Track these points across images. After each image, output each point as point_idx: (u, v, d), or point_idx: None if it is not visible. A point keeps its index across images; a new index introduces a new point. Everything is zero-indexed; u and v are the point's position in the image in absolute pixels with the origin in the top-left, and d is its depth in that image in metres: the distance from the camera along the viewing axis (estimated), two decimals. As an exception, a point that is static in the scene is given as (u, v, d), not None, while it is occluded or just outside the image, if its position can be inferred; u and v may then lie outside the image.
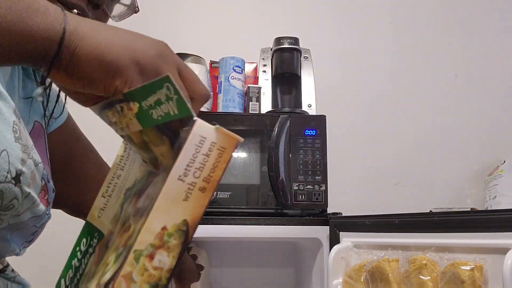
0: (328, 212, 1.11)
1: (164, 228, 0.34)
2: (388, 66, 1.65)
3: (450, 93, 1.64)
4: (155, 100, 0.37)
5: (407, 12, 1.69)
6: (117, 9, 0.67)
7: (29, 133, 0.53)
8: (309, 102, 1.24)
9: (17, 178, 0.45)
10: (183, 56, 1.18)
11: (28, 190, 0.47)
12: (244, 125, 1.14)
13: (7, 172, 0.44)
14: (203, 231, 0.71)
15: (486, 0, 1.70)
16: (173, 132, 0.37)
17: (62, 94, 0.67)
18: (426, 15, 1.69)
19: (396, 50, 1.67)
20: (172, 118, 0.36)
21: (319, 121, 1.13)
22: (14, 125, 0.46)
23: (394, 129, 1.61)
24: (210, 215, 1.06)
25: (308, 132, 1.11)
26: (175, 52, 0.42)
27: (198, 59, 1.22)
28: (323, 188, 1.08)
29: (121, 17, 0.68)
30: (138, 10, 0.69)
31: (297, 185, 1.08)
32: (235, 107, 1.22)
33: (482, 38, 1.68)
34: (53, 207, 0.61)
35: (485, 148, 1.59)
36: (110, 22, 0.64)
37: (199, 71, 1.19)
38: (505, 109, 1.63)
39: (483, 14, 1.70)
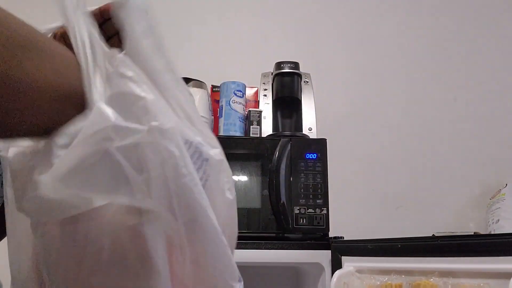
0: (329, 236, 1.10)
1: None
2: (387, 90, 1.67)
3: (450, 116, 1.65)
4: None
5: (405, 37, 1.72)
6: None
7: None
8: (310, 125, 1.25)
9: None
10: (185, 80, 1.20)
11: None
12: (245, 148, 1.14)
13: None
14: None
15: (485, 23, 1.73)
16: None
17: None
18: (424, 39, 1.72)
19: (395, 74, 1.68)
20: None
21: (319, 145, 1.13)
22: None
23: (395, 152, 1.61)
24: (211, 240, 1.05)
25: (309, 155, 1.11)
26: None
27: (199, 84, 1.24)
28: (324, 211, 1.08)
29: None
30: None
31: (298, 209, 1.07)
32: (236, 131, 1.22)
33: (481, 60, 1.70)
34: None
35: (486, 171, 1.59)
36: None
37: (201, 96, 1.20)
38: (505, 131, 1.64)
39: (482, 37, 1.72)
